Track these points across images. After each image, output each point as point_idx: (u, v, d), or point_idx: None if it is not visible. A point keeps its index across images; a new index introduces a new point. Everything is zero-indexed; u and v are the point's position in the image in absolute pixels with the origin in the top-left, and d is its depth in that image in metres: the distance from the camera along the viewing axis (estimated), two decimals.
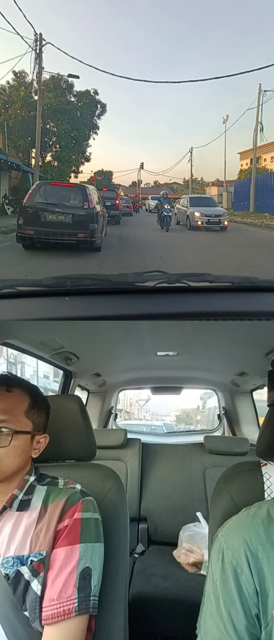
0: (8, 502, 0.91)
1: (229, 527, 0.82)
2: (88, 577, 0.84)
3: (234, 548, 0.76)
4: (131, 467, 2.57)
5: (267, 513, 0.80)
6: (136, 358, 2.55)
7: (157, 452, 2.73)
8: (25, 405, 0.96)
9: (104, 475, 1.09)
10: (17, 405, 0.95)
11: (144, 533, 2.37)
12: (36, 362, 2.21)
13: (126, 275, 1.42)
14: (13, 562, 0.85)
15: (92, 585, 0.84)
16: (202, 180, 60.03)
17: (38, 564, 0.85)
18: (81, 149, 28.15)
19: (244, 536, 0.77)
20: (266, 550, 0.74)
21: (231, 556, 0.75)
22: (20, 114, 23.62)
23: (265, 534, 0.76)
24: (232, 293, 1.33)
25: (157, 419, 5.47)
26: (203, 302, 1.27)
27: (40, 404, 1.00)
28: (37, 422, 0.97)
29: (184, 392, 3.66)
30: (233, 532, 0.80)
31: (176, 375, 3.19)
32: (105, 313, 1.22)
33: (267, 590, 0.71)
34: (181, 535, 2.12)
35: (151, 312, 1.21)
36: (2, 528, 0.90)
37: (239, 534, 0.77)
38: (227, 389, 3.17)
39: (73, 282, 1.31)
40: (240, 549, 0.75)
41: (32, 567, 0.84)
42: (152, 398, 4.53)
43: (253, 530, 0.77)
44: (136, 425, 4.60)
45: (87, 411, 1.21)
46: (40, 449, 0.99)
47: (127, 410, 5.33)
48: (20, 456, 0.93)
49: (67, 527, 0.87)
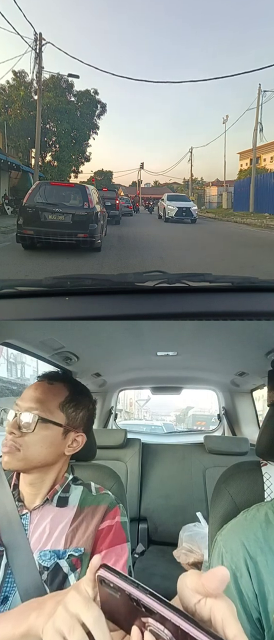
0: (51, 496, 0.93)
1: (228, 530, 0.82)
2: (131, 575, 0.87)
3: (233, 552, 0.76)
4: (131, 467, 2.57)
5: (265, 516, 0.79)
6: (136, 358, 2.55)
7: (157, 452, 2.73)
8: (62, 398, 0.96)
9: (104, 475, 1.09)
10: (53, 397, 0.95)
11: (144, 533, 2.37)
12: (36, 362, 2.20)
13: (126, 275, 1.41)
14: (50, 555, 0.86)
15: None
16: (202, 180, 60.06)
17: (76, 559, 0.86)
18: (81, 149, 28.14)
19: (243, 540, 0.76)
20: (265, 554, 0.74)
21: (230, 560, 0.75)
22: (20, 114, 23.60)
23: (263, 537, 0.76)
24: (232, 293, 1.33)
25: (157, 419, 5.48)
26: (203, 302, 1.27)
27: (79, 400, 0.99)
28: (72, 417, 0.97)
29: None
30: (231, 535, 0.79)
31: (176, 375, 3.19)
32: (105, 313, 1.22)
33: (266, 594, 0.71)
34: (181, 535, 2.12)
35: (151, 312, 1.21)
36: (41, 520, 0.91)
37: (238, 538, 0.77)
38: (227, 389, 3.17)
39: (73, 282, 1.31)
40: (239, 552, 0.75)
41: (70, 561, 0.86)
42: (152, 398, 4.54)
43: (251, 534, 0.77)
44: (136, 425, 4.60)
45: None
46: (76, 448, 0.98)
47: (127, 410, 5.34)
48: (48, 448, 0.92)
49: (112, 527, 0.90)
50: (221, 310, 1.22)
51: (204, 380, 3.29)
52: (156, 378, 3.33)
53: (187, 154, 42.58)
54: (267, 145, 33.79)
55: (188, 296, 1.29)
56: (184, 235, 12.98)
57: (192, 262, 7.99)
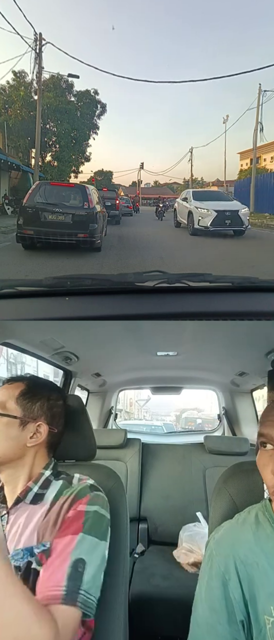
0: (22, 494, 0.93)
1: (221, 534, 0.83)
2: (81, 569, 0.79)
3: (223, 555, 0.77)
4: (131, 467, 2.57)
5: (255, 518, 0.81)
6: (136, 358, 2.55)
7: (157, 452, 2.72)
8: (17, 392, 0.99)
9: (104, 475, 1.09)
10: (9, 395, 0.98)
11: (144, 533, 2.37)
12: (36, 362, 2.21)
13: (126, 275, 1.41)
14: (23, 554, 0.85)
15: (84, 580, 0.78)
16: (202, 180, 60.10)
17: (41, 554, 0.84)
18: (81, 149, 28.15)
19: (234, 543, 0.78)
20: (256, 555, 0.75)
21: (220, 562, 0.76)
22: (20, 114, 23.61)
23: (254, 539, 0.77)
24: (232, 293, 1.33)
25: (157, 419, 5.48)
26: (203, 302, 1.27)
27: (35, 392, 1.01)
28: (27, 408, 0.98)
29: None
30: (223, 539, 0.81)
31: (176, 375, 3.19)
32: (105, 313, 1.22)
33: (256, 595, 0.72)
34: (181, 535, 2.12)
35: (151, 312, 1.21)
36: (15, 520, 0.91)
37: (229, 542, 0.79)
38: (227, 389, 3.17)
39: (73, 282, 1.31)
40: (229, 557, 0.76)
41: (37, 557, 0.85)
42: (152, 398, 4.54)
43: (242, 537, 0.78)
44: (136, 425, 4.59)
45: (87, 411, 1.21)
46: (39, 439, 0.98)
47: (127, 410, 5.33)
48: (6, 441, 0.94)
49: (73, 516, 0.87)
50: (221, 310, 1.22)
51: (204, 380, 3.29)
52: (156, 378, 3.33)
53: (188, 154, 42.69)
54: (267, 145, 33.82)
55: (188, 296, 1.29)
56: (184, 235, 12.96)
57: (192, 262, 7.99)
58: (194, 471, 2.54)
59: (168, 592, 1.75)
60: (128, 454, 2.62)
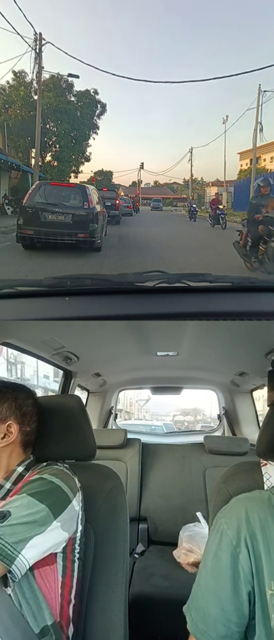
0: None
1: (230, 509, 0.86)
2: (2, 519, 0.82)
3: (234, 529, 0.80)
4: (131, 467, 2.57)
5: (268, 500, 0.84)
6: (136, 358, 2.55)
7: (157, 452, 2.73)
8: None
9: (104, 475, 1.09)
10: None
11: (144, 533, 2.37)
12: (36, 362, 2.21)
13: (126, 275, 1.42)
14: None
15: (2, 527, 0.81)
16: (202, 180, 60.00)
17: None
18: (81, 149, 28.11)
19: (245, 518, 0.81)
20: (264, 532, 0.78)
21: (232, 536, 0.79)
22: (20, 114, 23.58)
23: (264, 517, 0.80)
24: (232, 293, 1.33)
25: (157, 419, 5.48)
26: (203, 302, 1.27)
27: (0, 395, 1.03)
28: None
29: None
30: (234, 513, 0.83)
31: (176, 375, 3.19)
32: (105, 313, 1.22)
33: (262, 568, 0.76)
34: (181, 535, 2.12)
35: (151, 312, 1.21)
36: None
37: (241, 516, 0.81)
38: (227, 389, 3.17)
39: (73, 282, 1.31)
40: (240, 530, 0.79)
41: None
42: (152, 398, 4.54)
43: (255, 513, 0.81)
44: (136, 425, 4.60)
45: (87, 411, 1.21)
46: (11, 438, 1.01)
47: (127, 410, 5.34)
48: None
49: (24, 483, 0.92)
50: (221, 310, 1.22)
51: (204, 380, 3.29)
52: (156, 378, 3.33)
53: (187, 154, 42.63)
54: (267, 145, 33.76)
55: (188, 296, 1.29)
56: (184, 235, 12.96)
57: (192, 262, 8.00)
58: (194, 471, 2.54)
59: (168, 592, 1.75)
60: (128, 454, 2.62)
